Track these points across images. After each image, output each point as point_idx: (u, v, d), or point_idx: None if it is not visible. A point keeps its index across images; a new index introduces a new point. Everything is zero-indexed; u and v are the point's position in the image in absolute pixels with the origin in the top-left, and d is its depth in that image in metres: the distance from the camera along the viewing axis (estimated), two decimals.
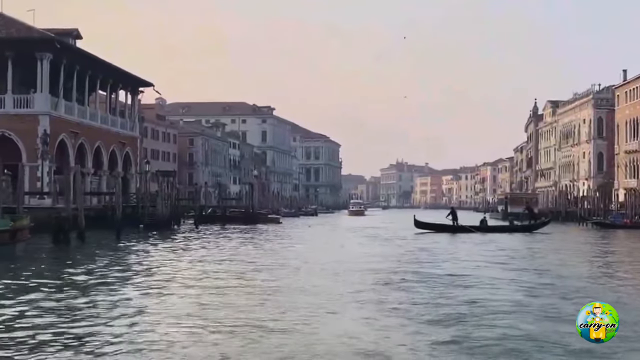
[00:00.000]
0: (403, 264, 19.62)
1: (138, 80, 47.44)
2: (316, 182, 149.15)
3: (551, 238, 35.08)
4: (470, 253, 24.06)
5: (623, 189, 62.56)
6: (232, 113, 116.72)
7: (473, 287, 14.48)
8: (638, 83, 63.77)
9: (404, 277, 16.14)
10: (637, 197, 52.73)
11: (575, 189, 73.60)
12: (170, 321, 10.09)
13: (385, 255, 22.37)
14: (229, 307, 11.47)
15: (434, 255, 22.82)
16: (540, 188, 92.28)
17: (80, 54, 39.08)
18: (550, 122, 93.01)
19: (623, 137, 67.24)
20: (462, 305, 11.77)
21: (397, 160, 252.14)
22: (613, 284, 15.55)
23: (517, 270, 18.30)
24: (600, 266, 20.40)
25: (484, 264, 19.60)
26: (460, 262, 20.19)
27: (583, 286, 14.88)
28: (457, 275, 16.43)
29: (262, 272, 17.18)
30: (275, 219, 53.15)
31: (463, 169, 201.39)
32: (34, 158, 35.06)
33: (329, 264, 19.19)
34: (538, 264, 20.45)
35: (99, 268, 17.54)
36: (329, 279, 15.76)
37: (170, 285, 14.40)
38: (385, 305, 11.82)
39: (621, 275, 17.66)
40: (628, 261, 22.96)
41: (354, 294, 13.26)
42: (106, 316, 10.50)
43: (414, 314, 10.98)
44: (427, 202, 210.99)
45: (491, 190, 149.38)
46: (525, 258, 22.71)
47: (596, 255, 24.79)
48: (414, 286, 14.45)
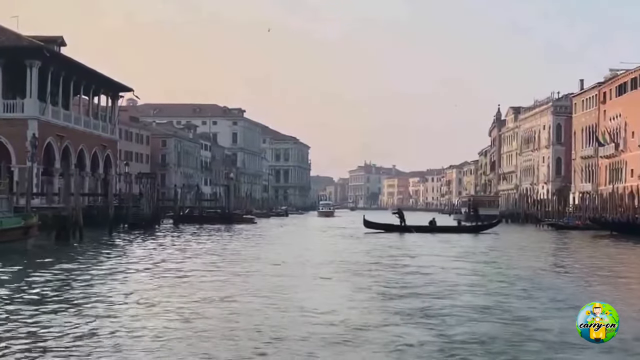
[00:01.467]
0: (372, 257, 22.42)
1: (118, 85, 49.36)
2: (285, 184, 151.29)
3: (498, 238, 37.61)
4: (421, 248, 27.34)
5: (579, 192, 66.07)
6: (202, 115, 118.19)
7: (430, 274, 17.35)
8: (593, 92, 67.41)
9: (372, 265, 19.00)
10: (591, 200, 56.14)
11: (535, 192, 77.21)
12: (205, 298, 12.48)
13: (355, 251, 25.14)
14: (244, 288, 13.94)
15: (392, 250, 25.78)
16: (502, 191, 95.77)
17: (67, 61, 40.89)
18: (512, 127, 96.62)
19: (579, 143, 70.86)
20: (421, 287, 14.50)
21: (365, 162, 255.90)
22: (525, 273, 18.59)
23: (458, 259, 21.71)
24: (525, 258, 23.56)
25: (435, 257, 22.67)
26: (417, 256, 23.10)
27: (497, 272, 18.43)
28: (416, 266, 19.27)
29: (262, 262, 19.73)
30: (250, 219, 55.54)
31: (430, 172, 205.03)
32: (23, 160, 36.85)
33: (313, 257, 21.93)
34: (476, 257, 23.68)
35: (115, 261, 20.04)
36: (315, 269, 18.35)
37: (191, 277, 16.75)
38: (356, 285, 14.48)
39: (536, 266, 20.72)
40: (559, 255, 26.34)
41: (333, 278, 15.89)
42: (124, 301, 12.86)
43: (380, 292, 13.69)
44: (394, 203, 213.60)
45: (457, 193, 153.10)
46: (467, 252, 25.88)
47: (530, 251, 28.03)
48: (381, 273, 17.23)
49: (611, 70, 64.40)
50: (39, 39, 39.84)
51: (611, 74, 64.08)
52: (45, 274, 16.16)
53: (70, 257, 20.52)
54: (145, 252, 23.67)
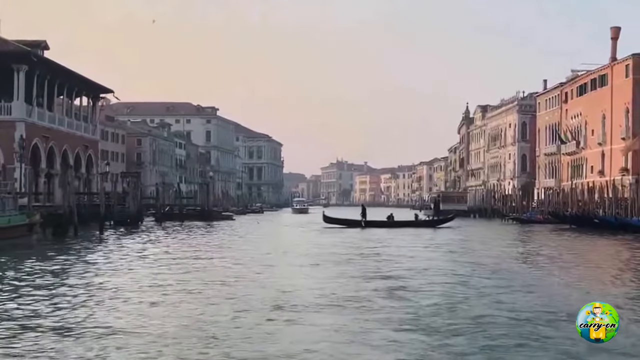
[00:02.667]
0: (347, 248, 24.69)
1: (99, 87, 50.84)
2: (259, 181, 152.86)
3: (454, 232, 39.92)
4: (381, 240, 30.11)
5: (543, 188, 69.04)
6: (176, 113, 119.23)
7: (391, 260, 19.90)
8: (556, 92, 70.44)
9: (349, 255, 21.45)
10: (554, 195, 59.01)
11: (502, 187, 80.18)
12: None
13: (331, 244, 27.40)
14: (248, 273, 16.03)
15: (365, 242, 28.14)
16: (471, 187, 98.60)
17: (53, 65, 42.33)
18: (480, 125, 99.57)
19: (543, 141, 73.90)
20: (391, 272, 16.77)
21: (337, 159, 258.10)
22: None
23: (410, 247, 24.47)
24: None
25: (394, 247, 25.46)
26: (383, 247, 25.55)
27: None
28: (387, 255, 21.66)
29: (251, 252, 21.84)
30: (228, 216, 57.50)
31: (401, 168, 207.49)
32: (12, 161, 38.29)
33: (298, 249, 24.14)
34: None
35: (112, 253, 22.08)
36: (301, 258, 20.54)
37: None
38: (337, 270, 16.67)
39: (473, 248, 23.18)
40: (511, 245, 29.06)
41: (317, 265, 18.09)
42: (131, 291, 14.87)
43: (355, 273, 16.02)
44: (366, 199, 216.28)
45: (427, 189, 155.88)
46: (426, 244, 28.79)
47: (481, 242, 30.83)
48: (359, 261, 19.59)
49: (573, 71, 67.41)
50: (24, 43, 41.22)
51: (572, 75, 67.09)
52: (59, 264, 18.12)
53: (75, 250, 22.47)
54: (141, 244, 26.02)
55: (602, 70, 58.67)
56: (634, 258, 22.32)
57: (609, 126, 57.03)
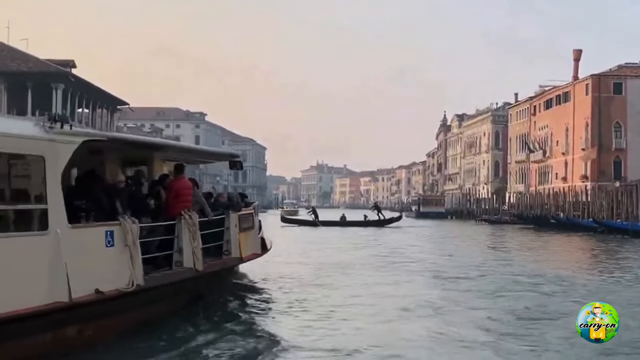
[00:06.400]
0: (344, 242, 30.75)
1: (117, 100, 56.34)
2: (244, 184, 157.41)
3: (400, 231, 44.67)
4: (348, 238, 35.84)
5: (514, 192, 75.55)
6: (166, 118, 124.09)
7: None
8: (526, 105, 77.05)
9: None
10: (522, 199, 65.58)
11: (477, 191, 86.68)
12: None
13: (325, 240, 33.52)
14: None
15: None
16: (448, 190, 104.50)
17: (84, 83, 47.68)
18: (456, 133, 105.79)
19: (514, 149, 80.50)
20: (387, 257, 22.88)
21: (317, 162, 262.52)
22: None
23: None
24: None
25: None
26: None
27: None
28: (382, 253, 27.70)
29: None
30: None
31: (380, 171, 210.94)
32: None
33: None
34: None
35: None
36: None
37: None
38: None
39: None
40: (468, 241, 34.90)
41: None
42: None
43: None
44: (346, 202, 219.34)
45: (406, 192, 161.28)
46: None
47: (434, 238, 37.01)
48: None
49: (540, 87, 74.16)
50: (55, 62, 46.65)
51: (540, 90, 73.81)
52: None
53: None
54: None
55: (566, 87, 65.30)
56: (562, 248, 29.67)
57: (571, 137, 63.59)
